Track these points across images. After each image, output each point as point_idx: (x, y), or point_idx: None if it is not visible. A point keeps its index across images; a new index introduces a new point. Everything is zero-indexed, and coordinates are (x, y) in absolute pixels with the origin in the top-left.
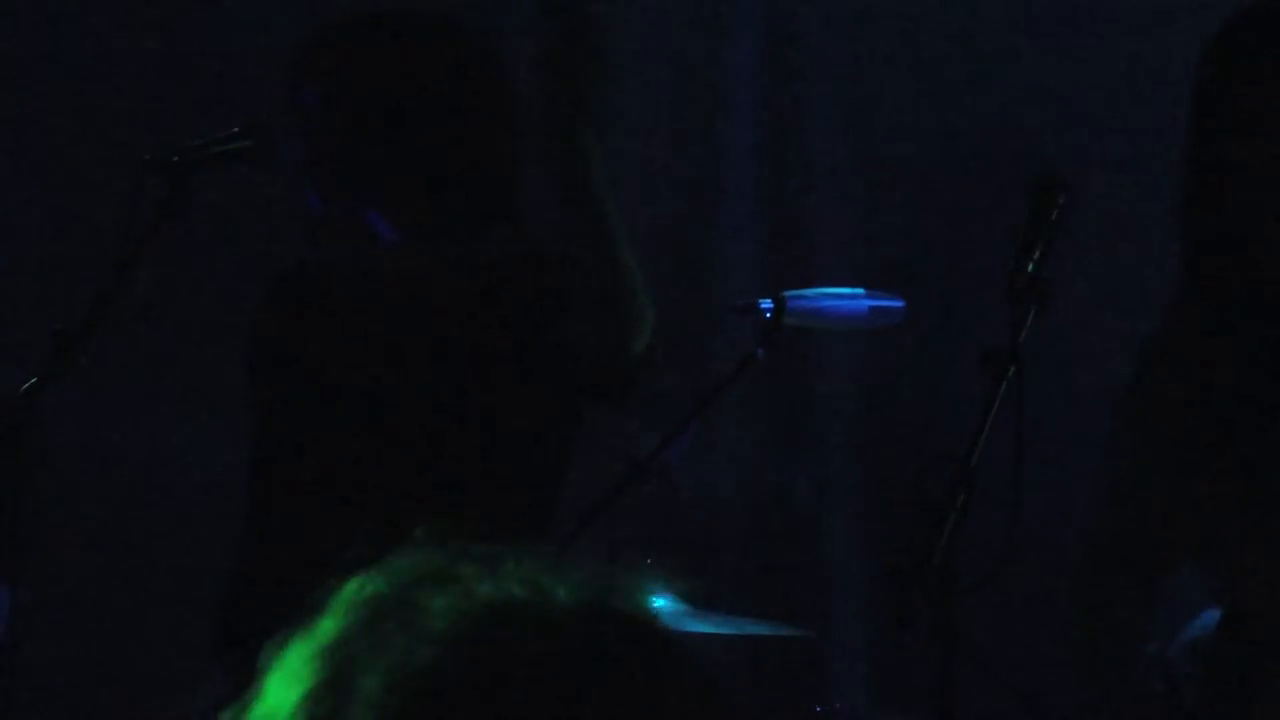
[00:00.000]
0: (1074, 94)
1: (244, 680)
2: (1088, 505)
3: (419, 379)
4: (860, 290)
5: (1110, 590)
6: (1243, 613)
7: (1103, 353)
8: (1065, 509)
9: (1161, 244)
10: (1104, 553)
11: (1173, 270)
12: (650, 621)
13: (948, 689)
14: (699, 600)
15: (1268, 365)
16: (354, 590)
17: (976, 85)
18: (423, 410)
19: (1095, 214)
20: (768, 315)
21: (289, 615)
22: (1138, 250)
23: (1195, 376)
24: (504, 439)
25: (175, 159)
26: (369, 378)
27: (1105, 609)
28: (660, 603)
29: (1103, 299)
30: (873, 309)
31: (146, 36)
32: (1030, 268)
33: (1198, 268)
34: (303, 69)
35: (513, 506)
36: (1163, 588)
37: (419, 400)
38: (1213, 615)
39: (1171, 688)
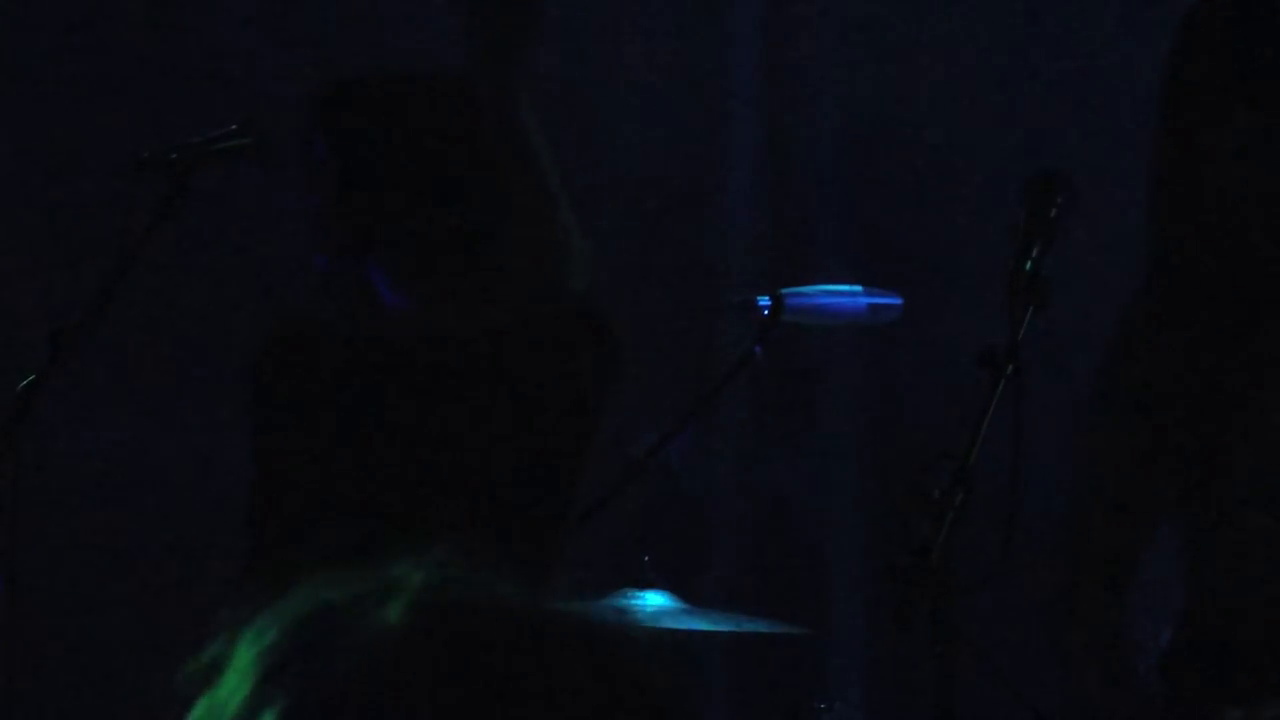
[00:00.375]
0: (1074, 94)
1: None
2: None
3: (416, 439)
4: (859, 288)
5: (1089, 583)
6: (1209, 596)
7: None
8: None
9: None
10: (1082, 544)
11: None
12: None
13: (947, 689)
14: (698, 598)
15: (1233, 352)
16: (251, 643)
17: (977, 84)
18: (422, 471)
19: (1095, 213)
20: (766, 312)
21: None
22: (1137, 249)
23: (1160, 363)
24: (505, 490)
25: (173, 156)
26: (367, 435)
27: (1087, 601)
28: (659, 600)
29: (1103, 298)
30: (871, 306)
31: (146, 36)
32: (1029, 266)
33: (1163, 255)
34: (314, 121)
35: (515, 556)
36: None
37: (420, 462)
38: None
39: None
